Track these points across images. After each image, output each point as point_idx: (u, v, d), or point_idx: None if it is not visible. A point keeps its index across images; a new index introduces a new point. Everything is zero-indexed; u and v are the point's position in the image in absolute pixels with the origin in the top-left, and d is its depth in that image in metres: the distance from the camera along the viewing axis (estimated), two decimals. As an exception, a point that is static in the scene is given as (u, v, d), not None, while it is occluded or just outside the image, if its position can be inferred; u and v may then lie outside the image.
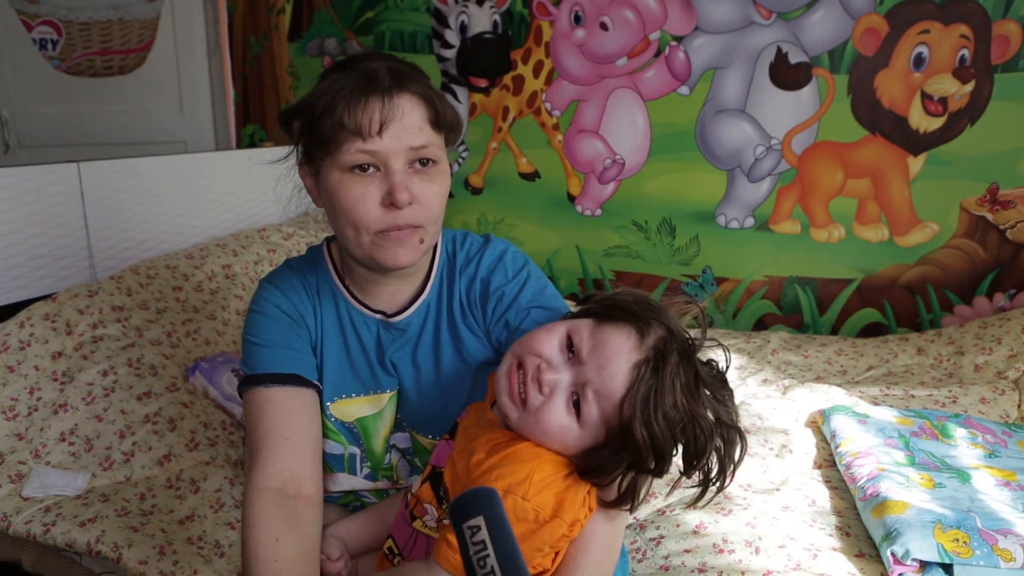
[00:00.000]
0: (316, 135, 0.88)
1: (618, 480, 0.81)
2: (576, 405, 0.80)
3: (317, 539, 0.93)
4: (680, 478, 0.82)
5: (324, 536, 0.97)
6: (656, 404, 0.77)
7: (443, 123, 0.91)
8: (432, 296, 1.00)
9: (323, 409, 1.00)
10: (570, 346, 0.82)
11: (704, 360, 0.83)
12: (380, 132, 0.86)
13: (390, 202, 0.87)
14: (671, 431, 0.77)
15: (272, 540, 0.87)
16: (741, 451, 0.81)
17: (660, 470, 0.80)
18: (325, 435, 1.02)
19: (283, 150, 0.99)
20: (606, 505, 0.84)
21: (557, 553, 0.84)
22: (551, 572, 0.84)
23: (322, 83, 0.90)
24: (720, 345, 0.85)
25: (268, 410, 0.94)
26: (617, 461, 0.79)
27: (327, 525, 1.00)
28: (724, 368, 0.84)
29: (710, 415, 0.79)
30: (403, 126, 0.87)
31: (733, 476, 0.81)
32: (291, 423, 0.94)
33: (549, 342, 0.82)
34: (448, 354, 0.99)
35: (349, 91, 0.86)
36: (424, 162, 0.90)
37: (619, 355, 0.79)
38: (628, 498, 0.82)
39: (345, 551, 0.98)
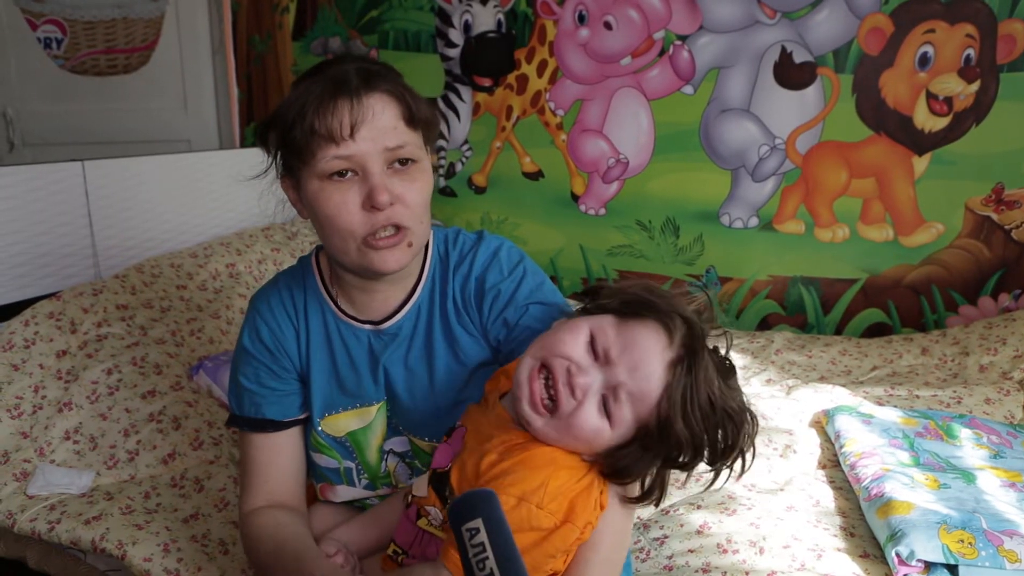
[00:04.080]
0: (290, 145, 0.87)
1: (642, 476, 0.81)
2: (605, 407, 0.78)
3: (306, 529, 0.99)
4: (691, 469, 0.82)
5: (324, 538, 0.97)
6: (693, 399, 0.76)
7: (418, 120, 0.89)
8: (423, 297, 0.99)
9: (314, 426, 1.01)
10: (594, 347, 0.80)
11: (711, 348, 0.82)
12: (352, 135, 0.84)
13: (371, 205, 0.85)
14: (706, 424, 0.77)
15: (275, 524, 0.96)
16: (754, 434, 0.81)
17: (694, 464, 0.80)
18: (319, 450, 1.02)
19: None
20: (630, 501, 0.84)
21: (567, 553, 0.84)
22: (562, 572, 0.84)
23: (292, 91, 0.88)
24: (724, 333, 0.85)
25: (251, 454, 1.01)
26: (649, 459, 0.79)
27: (327, 530, 1.00)
28: (725, 353, 0.84)
29: (735, 405, 0.80)
30: (376, 126, 0.85)
31: (753, 458, 0.81)
32: (272, 467, 1.00)
33: (575, 343, 0.79)
34: (441, 356, 0.98)
35: (317, 96, 0.84)
36: (403, 161, 0.88)
37: (652, 355, 0.77)
38: (655, 492, 0.82)
39: (342, 546, 0.98)
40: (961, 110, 2.05)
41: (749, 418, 0.81)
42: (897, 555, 1.11)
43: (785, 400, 1.72)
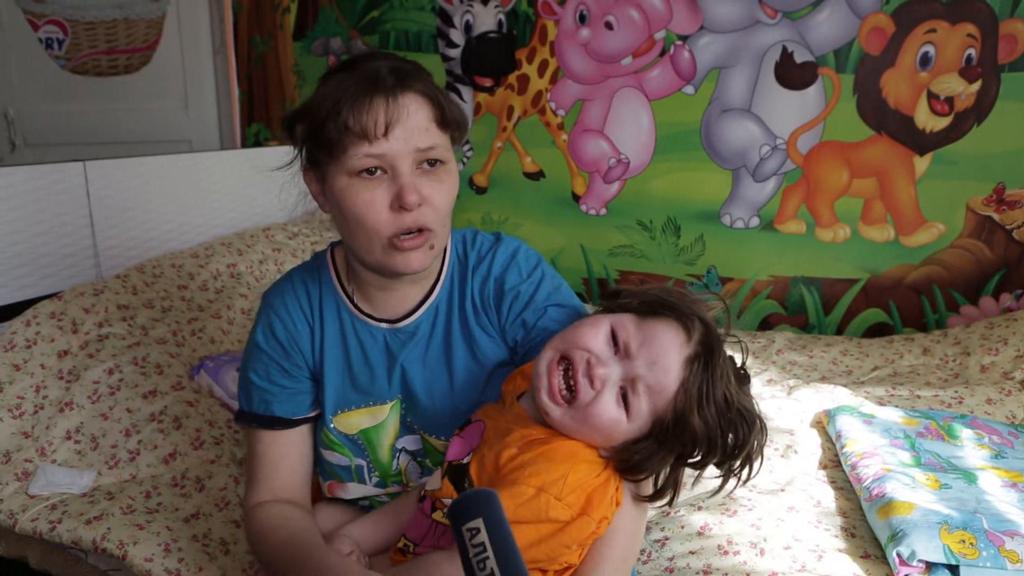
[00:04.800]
0: (321, 139, 0.87)
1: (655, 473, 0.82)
2: (623, 399, 0.80)
3: (314, 524, 0.98)
4: (703, 468, 0.83)
5: (335, 535, 0.97)
6: (709, 396, 0.78)
7: (449, 122, 0.90)
8: (442, 297, 0.99)
9: (326, 423, 1.01)
10: (615, 341, 0.82)
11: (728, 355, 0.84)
12: (386, 133, 0.84)
13: (399, 205, 0.86)
14: (720, 420, 0.79)
15: (284, 516, 0.95)
16: (764, 442, 0.83)
17: (706, 462, 0.81)
18: (330, 447, 1.02)
19: (286, 151, 0.97)
20: (644, 499, 0.85)
21: (582, 547, 0.84)
22: (575, 568, 0.84)
23: (324, 86, 0.88)
24: (739, 341, 0.87)
25: (259, 450, 1.01)
26: (663, 455, 0.80)
27: (340, 526, 1.00)
28: (741, 363, 0.85)
29: (749, 406, 0.82)
30: (409, 127, 0.85)
31: (760, 466, 0.83)
32: (280, 464, 1.01)
33: (595, 336, 0.82)
34: (460, 356, 0.98)
35: (352, 92, 0.85)
36: (432, 163, 0.88)
37: (670, 350, 0.80)
38: (669, 490, 0.83)
39: (356, 546, 0.98)
40: (962, 110, 2.05)
41: (760, 425, 0.82)
42: (898, 555, 1.11)
43: (786, 400, 1.72)
